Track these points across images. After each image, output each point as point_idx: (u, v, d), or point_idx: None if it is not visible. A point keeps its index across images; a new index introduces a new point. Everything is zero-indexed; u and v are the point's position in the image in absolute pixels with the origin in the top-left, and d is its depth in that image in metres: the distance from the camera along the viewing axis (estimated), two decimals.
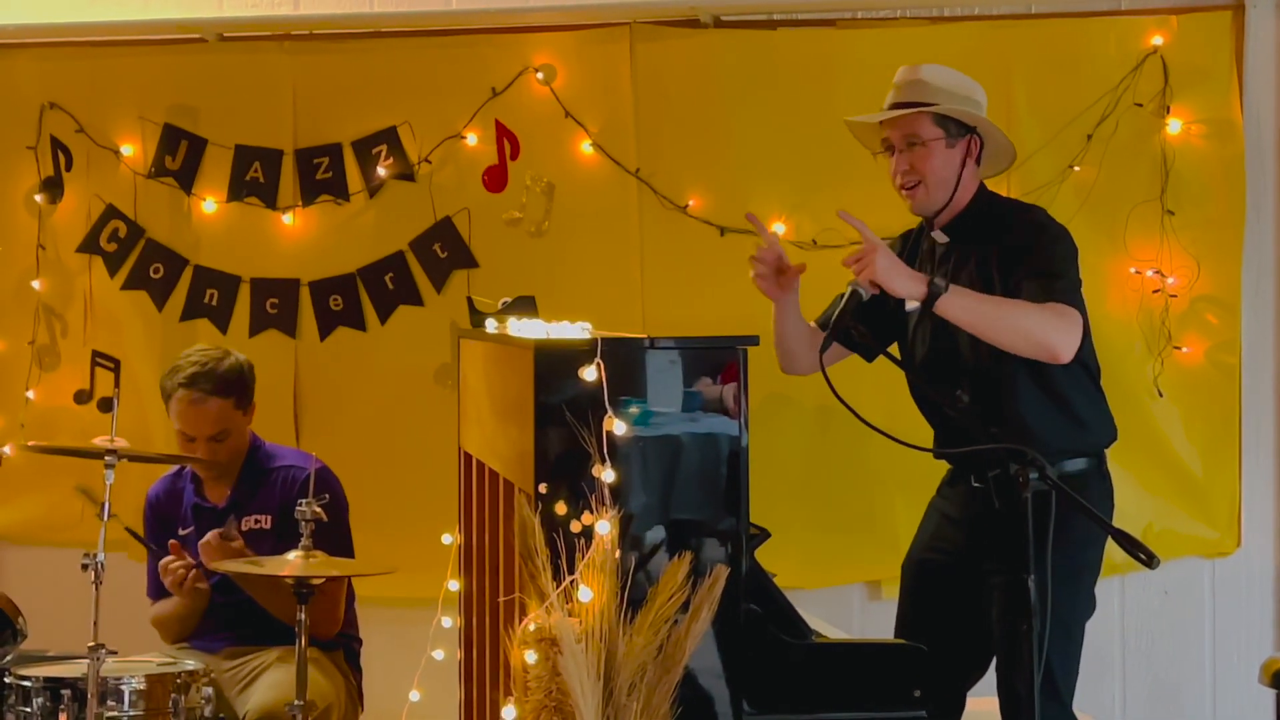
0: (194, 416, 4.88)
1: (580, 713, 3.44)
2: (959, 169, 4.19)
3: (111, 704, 4.23)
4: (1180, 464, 5.33)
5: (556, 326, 4.17)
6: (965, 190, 4.22)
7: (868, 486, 5.39)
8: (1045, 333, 3.99)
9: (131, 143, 5.89)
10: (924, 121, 4.19)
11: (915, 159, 4.19)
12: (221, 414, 4.90)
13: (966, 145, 4.20)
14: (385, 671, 5.07)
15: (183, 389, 4.88)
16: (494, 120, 5.67)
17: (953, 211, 4.23)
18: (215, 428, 4.89)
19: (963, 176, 4.20)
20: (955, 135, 4.19)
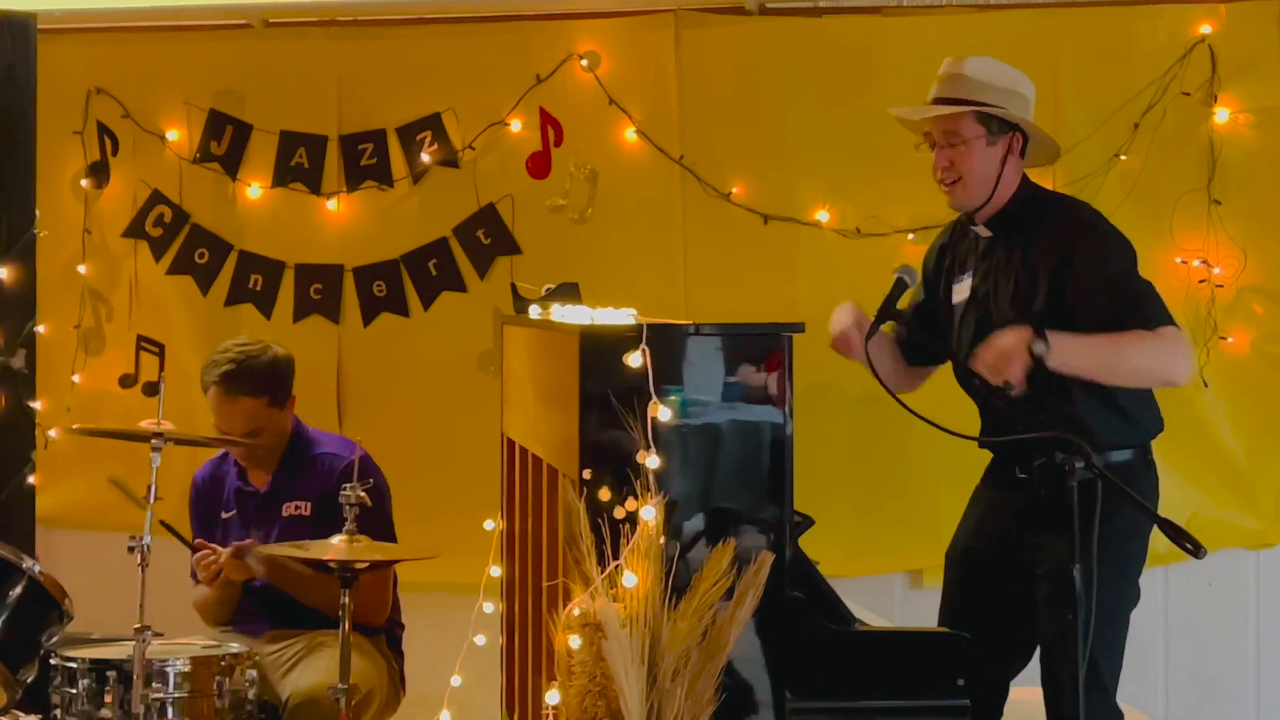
0: (227, 414, 4.89)
1: (624, 697, 3.45)
2: (999, 166, 4.14)
3: (156, 686, 4.24)
4: (1225, 455, 5.31)
5: (601, 313, 4.16)
6: (1007, 186, 4.17)
7: (910, 475, 5.39)
8: (1161, 368, 3.99)
9: (177, 128, 5.91)
10: (965, 119, 4.14)
11: (955, 156, 4.14)
12: (254, 412, 4.89)
13: (1008, 143, 4.15)
14: (427, 656, 5.06)
15: (215, 387, 4.88)
16: (538, 107, 5.68)
17: (995, 206, 4.18)
18: (247, 425, 4.89)
19: (1004, 173, 4.15)
20: (997, 133, 4.14)
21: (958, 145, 4.14)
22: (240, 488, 5.06)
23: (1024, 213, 4.17)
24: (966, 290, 4.25)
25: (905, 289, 4.01)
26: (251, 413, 4.88)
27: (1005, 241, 4.15)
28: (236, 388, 4.85)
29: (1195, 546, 3.54)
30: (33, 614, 4.39)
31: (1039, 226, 4.12)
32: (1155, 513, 3.80)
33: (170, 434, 4.33)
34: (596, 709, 3.48)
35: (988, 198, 4.15)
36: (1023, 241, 4.12)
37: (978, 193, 4.15)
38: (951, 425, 3.85)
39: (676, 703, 3.48)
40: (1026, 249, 4.12)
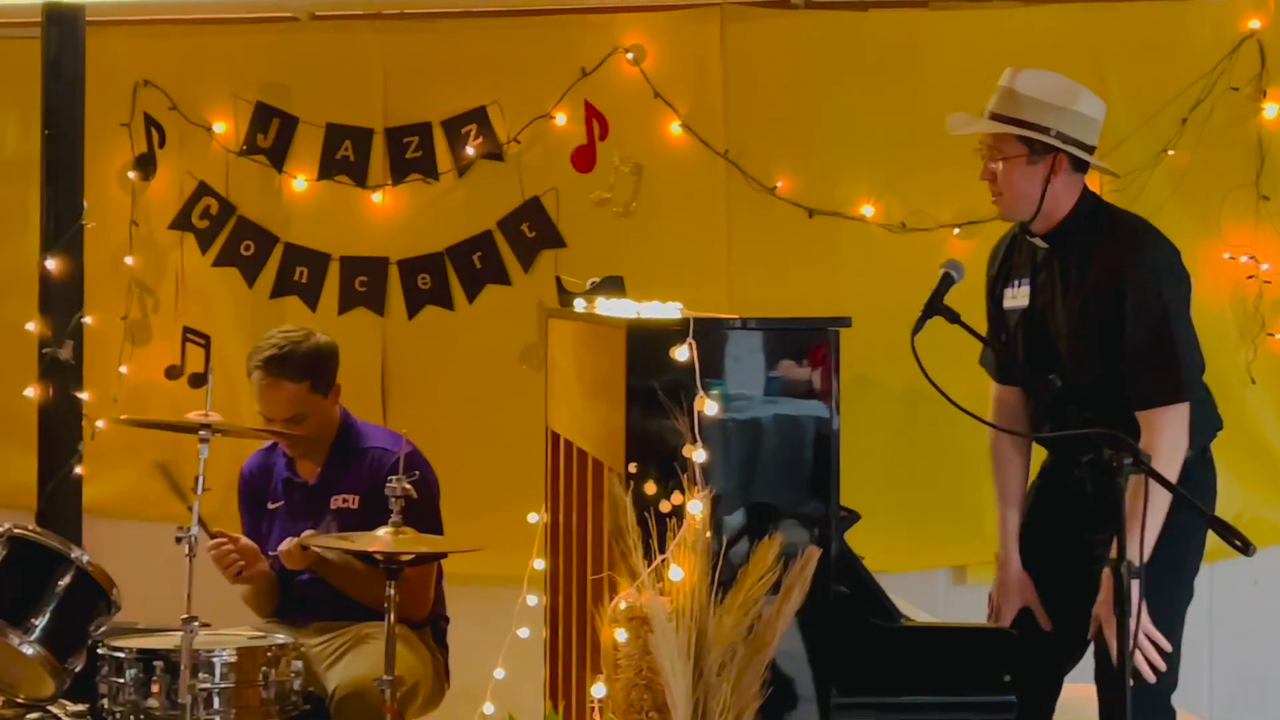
0: (269, 399, 4.90)
1: (670, 691, 3.44)
2: (1042, 184, 4.09)
3: (203, 676, 4.25)
4: (1273, 452, 5.30)
5: (647, 306, 4.16)
6: (1059, 201, 4.12)
7: (955, 471, 5.35)
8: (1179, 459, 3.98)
9: (224, 120, 5.92)
10: (1006, 137, 4.12)
11: (998, 171, 4.13)
12: (296, 398, 4.90)
13: (1051, 162, 4.09)
14: (470, 648, 5.07)
15: (259, 371, 4.89)
16: (583, 100, 5.67)
17: (1050, 220, 4.14)
18: (290, 411, 4.89)
19: (1050, 189, 4.10)
20: (1039, 153, 4.09)
21: (999, 161, 4.12)
22: (289, 479, 5.08)
23: (1083, 230, 4.13)
24: (1023, 299, 4.23)
25: (952, 284, 3.98)
26: (293, 398, 4.88)
27: (1062, 257, 4.11)
28: (279, 372, 4.86)
29: (1245, 544, 3.52)
30: (81, 604, 4.42)
31: (1096, 249, 4.08)
32: (1205, 509, 3.78)
33: (217, 425, 4.34)
34: (643, 702, 3.47)
35: (1033, 213, 4.12)
36: (1080, 261, 4.07)
37: (1020, 208, 4.13)
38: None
39: (722, 697, 3.47)
40: (1083, 271, 4.08)
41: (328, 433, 5.04)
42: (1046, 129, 4.10)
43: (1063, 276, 4.14)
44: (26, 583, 4.38)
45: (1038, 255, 4.22)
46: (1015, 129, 4.11)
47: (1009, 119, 4.12)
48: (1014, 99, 4.14)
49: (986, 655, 3.83)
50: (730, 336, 3.72)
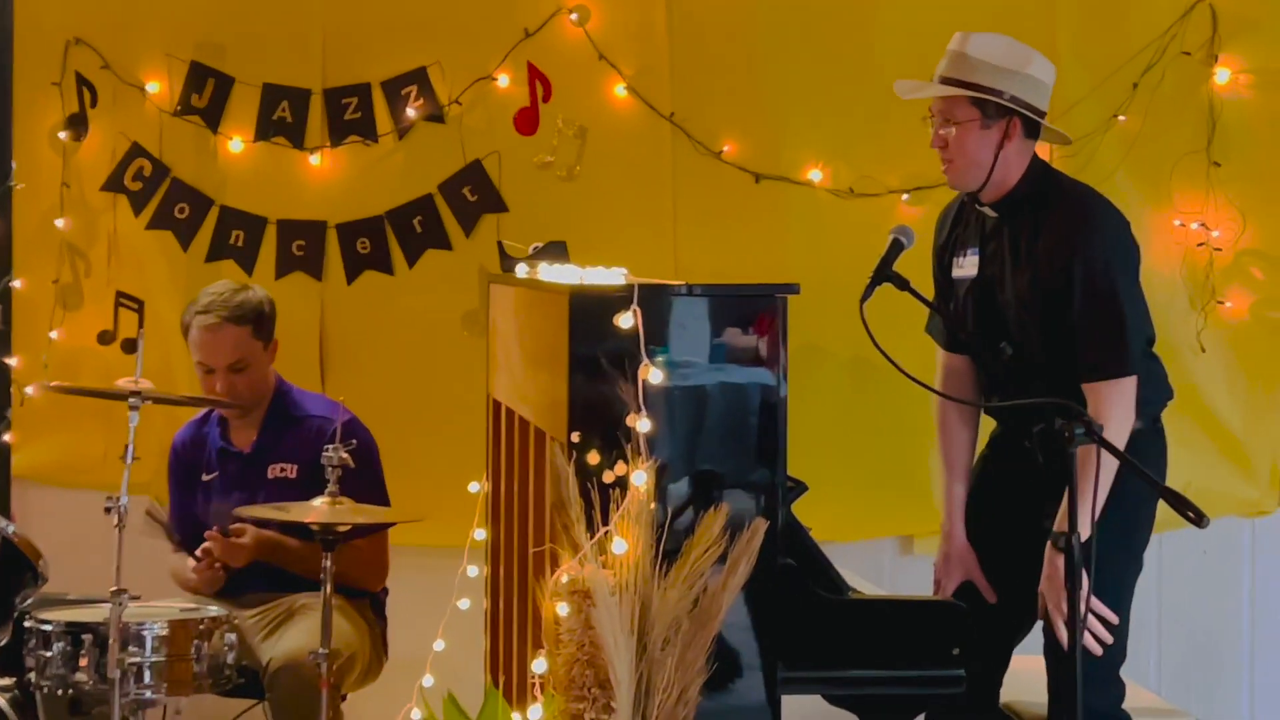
0: (211, 344, 4.83)
1: (613, 666, 3.39)
2: (995, 150, 4.03)
3: (133, 649, 4.16)
4: (1221, 421, 5.26)
5: (590, 272, 4.10)
6: (1010, 169, 4.06)
7: (902, 440, 5.30)
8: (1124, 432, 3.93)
9: (157, 80, 5.80)
10: (959, 101, 4.05)
11: (949, 137, 4.06)
12: (239, 342, 4.84)
13: (1004, 127, 4.03)
14: (409, 619, 4.99)
15: (200, 316, 4.84)
16: (526, 62, 5.57)
17: (1000, 189, 4.08)
18: (233, 355, 4.83)
19: (1002, 156, 4.04)
20: (993, 116, 4.03)
21: (952, 125, 4.05)
22: (224, 448, 5.00)
23: (1033, 199, 4.07)
24: (971, 269, 4.18)
25: (902, 250, 3.92)
26: (236, 342, 4.83)
27: (1011, 226, 4.06)
28: (222, 314, 4.82)
29: (1198, 516, 3.49)
30: (6, 575, 4.32)
31: (1046, 219, 4.03)
32: (1157, 480, 3.73)
33: (149, 393, 4.24)
34: (585, 678, 3.42)
35: (984, 181, 4.06)
36: (1029, 231, 4.02)
37: (971, 176, 4.07)
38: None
39: (667, 672, 3.41)
40: (1032, 241, 4.03)
41: (263, 398, 4.96)
42: (1000, 92, 4.03)
43: (1012, 247, 4.08)
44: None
45: (986, 225, 4.16)
46: (968, 92, 4.04)
47: (961, 82, 4.06)
48: (965, 62, 4.07)
49: (935, 628, 3.80)
50: (676, 303, 3.67)
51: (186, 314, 4.91)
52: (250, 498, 4.84)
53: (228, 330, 4.83)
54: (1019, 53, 4.08)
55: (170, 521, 4.82)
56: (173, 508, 5.10)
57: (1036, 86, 4.08)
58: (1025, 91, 4.05)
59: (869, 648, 3.78)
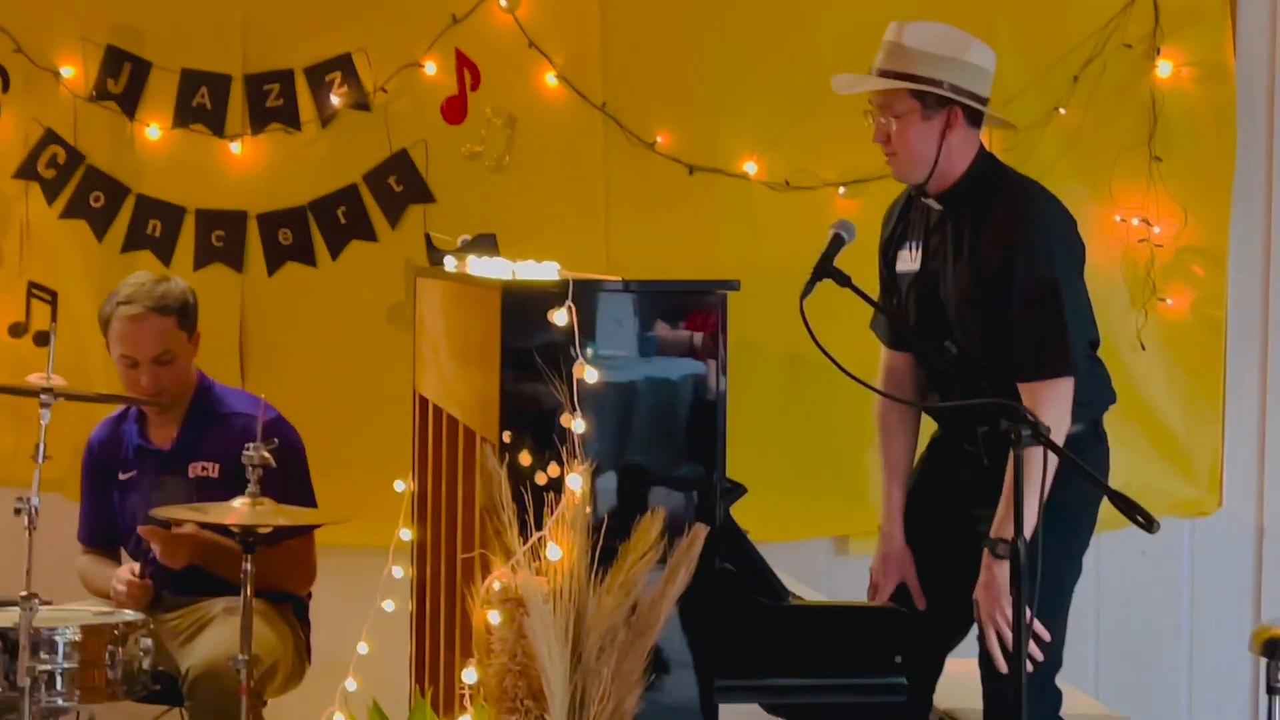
0: (135, 336, 4.71)
1: (547, 677, 3.30)
2: (938, 140, 3.98)
3: (44, 655, 4.03)
4: (1161, 420, 5.21)
5: (522, 266, 4.01)
6: (954, 159, 4.01)
7: (840, 439, 5.24)
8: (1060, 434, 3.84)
9: (72, 64, 5.64)
10: (898, 94, 3.99)
11: (891, 130, 4.00)
12: (165, 333, 4.72)
13: (947, 117, 3.98)
14: (332, 621, 4.91)
15: (123, 307, 4.71)
16: (454, 49, 5.45)
17: (946, 180, 4.02)
18: (159, 347, 4.70)
19: (946, 146, 3.98)
20: (933, 107, 3.97)
21: (893, 119, 3.99)
22: (141, 446, 4.86)
23: (977, 191, 4.02)
24: (914, 264, 4.12)
25: (843, 245, 3.85)
26: (161, 333, 4.71)
27: (955, 220, 3.99)
28: (146, 307, 4.70)
29: (1147, 520, 3.44)
30: None
31: (989, 212, 3.97)
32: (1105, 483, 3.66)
33: (61, 389, 4.10)
34: (517, 689, 3.33)
35: (929, 173, 4.00)
36: (973, 224, 3.96)
37: (914, 168, 4.02)
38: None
39: (603, 683, 3.33)
40: (975, 234, 3.97)
41: (186, 393, 4.83)
42: (939, 81, 3.98)
43: (955, 240, 4.02)
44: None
45: (931, 218, 4.09)
46: (906, 84, 3.98)
47: (899, 74, 3.99)
48: (902, 53, 4.01)
49: (877, 635, 3.74)
50: (612, 299, 3.60)
51: (106, 305, 4.78)
52: (170, 498, 4.70)
53: (153, 321, 4.71)
54: (956, 39, 4.03)
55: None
56: (85, 508, 4.97)
57: (977, 73, 4.03)
58: (965, 79, 3.99)
59: (809, 655, 3.71)
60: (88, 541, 4.98)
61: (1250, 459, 5.23)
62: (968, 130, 4.02)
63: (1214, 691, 5.25)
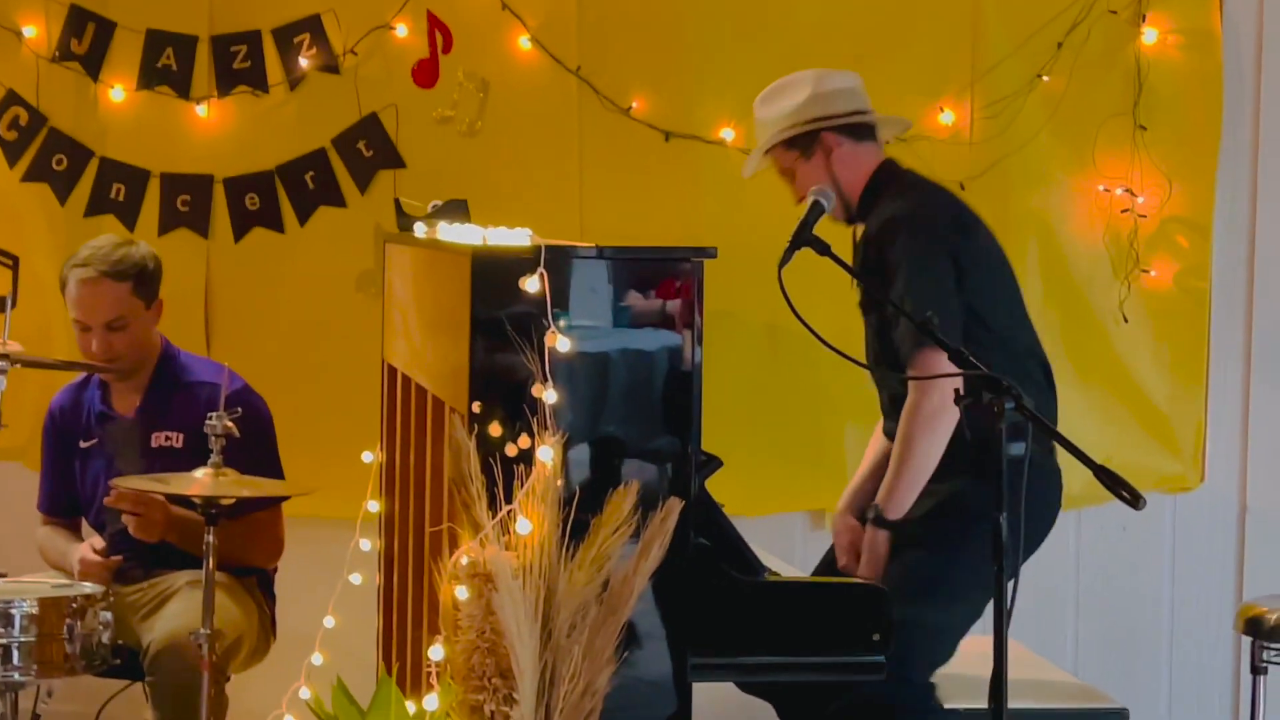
0: (88, 300, 4.62)
1: (516, 655, 3.24)
2: (826, 168, 4.13)
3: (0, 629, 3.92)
4: (1143, 394, 5.15)
5: (494, 232, 3.94)
6: (852, 177, 4.15)
7: (817, 411, 5.19)
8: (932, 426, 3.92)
9: (34, 23, 5.54)
10: (777, 154, 4.18)
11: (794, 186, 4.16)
12: (118, 298, 4.63)
13: (820, 144, 4.12)
14: (299, 594, 4.84)
15: (77, 270, 4.63)
16: (425, 10, 5.36)
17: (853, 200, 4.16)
18: (111, 312, 4.62)
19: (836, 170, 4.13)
20: (806, 145, 4.13)
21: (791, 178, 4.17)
22: (103, 413, 4.78)
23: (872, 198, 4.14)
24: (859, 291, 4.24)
25: (822, 213, 3.81)
26: (115, 298, 4.62)
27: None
28: (100, 270, 4.61)
29: (1134, 496, 3.35)
30: None
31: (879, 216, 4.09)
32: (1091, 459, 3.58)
33: (18, 355, 4.01)
34: (485, 666, 3.28)
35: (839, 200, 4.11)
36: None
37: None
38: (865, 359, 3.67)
39: (573, 661, 3.28)
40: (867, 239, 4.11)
41: (147, 360, 4.75)
42: (793, 125, 4.12)
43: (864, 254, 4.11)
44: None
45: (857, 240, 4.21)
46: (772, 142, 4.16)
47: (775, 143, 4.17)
48: (763, 126, 4.22)
49: (855, 613, 3.67)
50: (585, 266, 3.54)
51: (65, 268, 4.71)
52: (131, 467, 4.64)
53: (106, 285, 4.62)
54: (796, 82, 4.20)
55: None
56: (46, 477, 4.89)
57: (830, 96, 4.17)
58: (819, 108, 4.15)
59: (786, 633, 3.65)
60: (48, 511, 4.90)
61: (1234, 433, 5.18)
62: (854, 145, 4.15)
63: (1196, 669, 5.20)
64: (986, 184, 5.09)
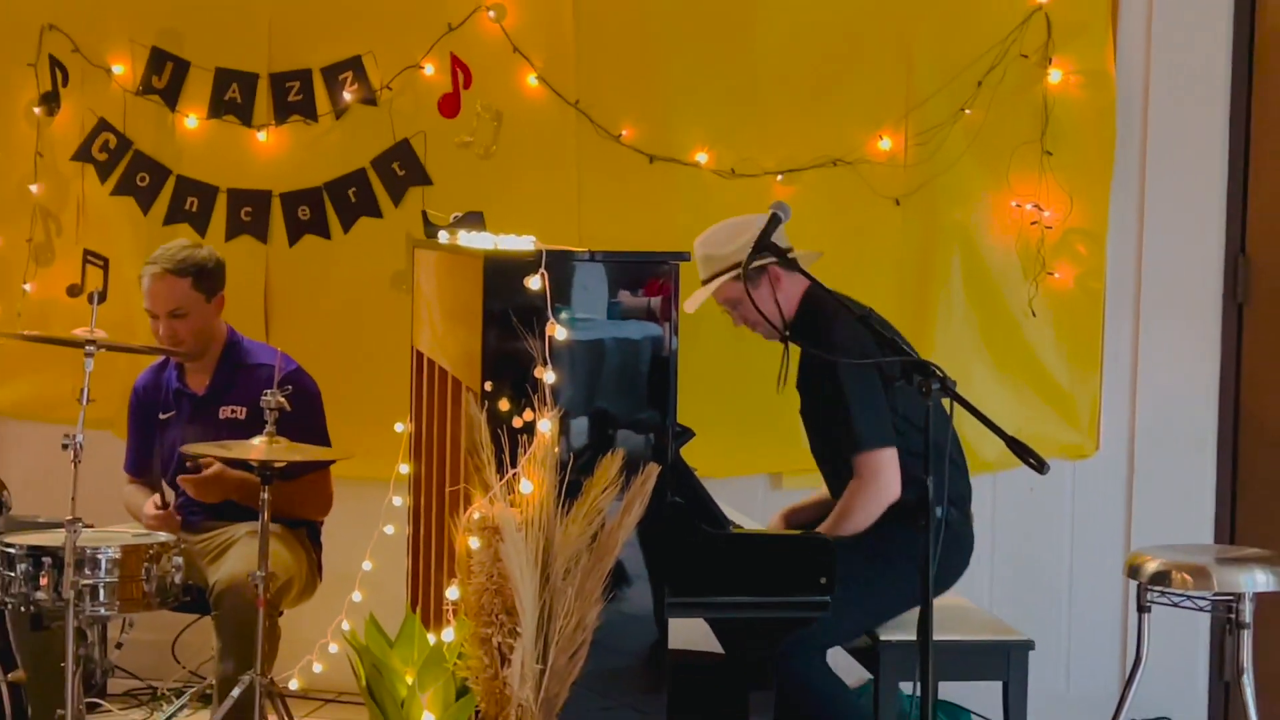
0: (154, 292, 4.59)
1: (519, 595, 3.19)
2: (772, 296, 4.05)
3: (89, 571, 3.88)
4: (1049, 376, 5.07)
5: (504, 239, 3.90)
6: (788, 302, 4.10)
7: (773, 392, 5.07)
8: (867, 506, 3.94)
9: (122, 62, 5.48)
10: (725, 287, 4.09)
11: (743, 311, 4.10)
12: (179, 291, 4.58)
13: (768, 276, 4.07)
14: (341, 543, 4.79)
15: (148, 267, 4.61)
16: (449, 53, 5.28)
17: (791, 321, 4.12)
18: (172, 304, 4.57)
19: (781, 299, 4.06)
20: (755, 278, 4.06)
21: (739, 306, 4.10)
22: (179, 390, 4.74)
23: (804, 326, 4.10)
24: None
25: (780, 223, 3.74)
26: (175, 292, 4.57)
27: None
28: (165, 268, 4.57)
29: (1039, 463, 3.32)
30: None
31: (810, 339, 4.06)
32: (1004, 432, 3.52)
33: (102, 341, 3.95)
34: (493, 605, 3.23)
35: (784, 322, 4.06)
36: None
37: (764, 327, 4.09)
38: None
39: (567, 600, 3.23)
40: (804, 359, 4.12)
41: (214, 346, 4.71)
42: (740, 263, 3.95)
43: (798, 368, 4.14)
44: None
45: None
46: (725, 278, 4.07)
47: (716, 274, 4.09)
48: (710, 261, 4.11)
49: (806, 560, 3.62)
50: (579, 268, 3.48)
51: (143, 267, 4.67)
52: (202, 435, 4.59)
53: (169, 281, 4.58)
54: (735, 226, 4.11)
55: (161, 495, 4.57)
56: (131, 444, 4.85)
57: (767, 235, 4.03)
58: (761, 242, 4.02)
59: (747, 577, 3.60)
60: (132, 472, 4.86)
61: (1124, 409, 5.11)
62: (789, 276, 4.08)
63: (1091, 607, 5.15)
64: (918, 201, 5.02)
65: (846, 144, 5.04)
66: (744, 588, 3.59)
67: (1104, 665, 5.11)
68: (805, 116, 5.07)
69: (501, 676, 3.17)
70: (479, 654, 3.21)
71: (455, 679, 3.26)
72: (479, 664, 3.22)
